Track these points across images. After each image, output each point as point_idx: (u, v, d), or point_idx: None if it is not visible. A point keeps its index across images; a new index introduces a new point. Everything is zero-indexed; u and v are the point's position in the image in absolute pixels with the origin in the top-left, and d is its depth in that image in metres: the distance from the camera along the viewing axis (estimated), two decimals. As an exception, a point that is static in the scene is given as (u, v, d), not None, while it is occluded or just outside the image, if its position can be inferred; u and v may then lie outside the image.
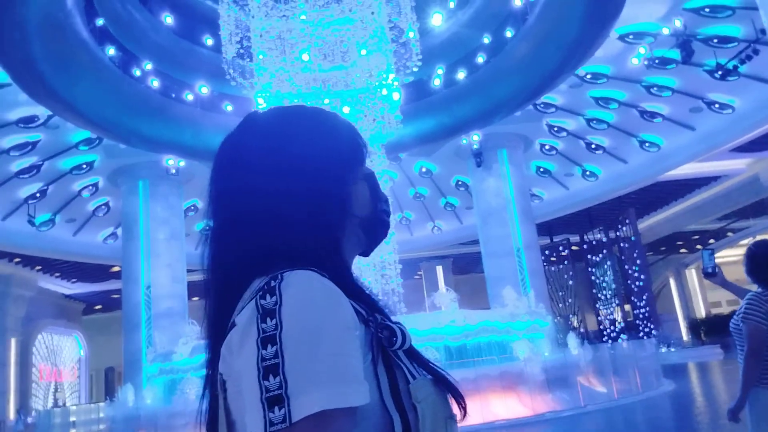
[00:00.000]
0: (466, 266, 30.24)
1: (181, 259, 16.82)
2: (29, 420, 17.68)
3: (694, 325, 25.47)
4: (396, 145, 15.74)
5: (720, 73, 12.96)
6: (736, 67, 13.21)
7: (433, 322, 8.94)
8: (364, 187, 0.94)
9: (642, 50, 13.26)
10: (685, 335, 26.66)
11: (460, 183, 21.20)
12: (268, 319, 0.72)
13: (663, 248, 29.36)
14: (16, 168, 15.58)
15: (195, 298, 29.55)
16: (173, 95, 14.86)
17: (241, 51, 12.35)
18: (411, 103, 15.26)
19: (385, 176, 18.29)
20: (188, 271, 17.89)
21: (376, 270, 13.84)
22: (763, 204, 21.10)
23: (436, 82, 15.51)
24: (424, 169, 20.34)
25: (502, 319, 9.02)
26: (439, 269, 30.32)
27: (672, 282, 30.19)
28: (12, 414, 20.18)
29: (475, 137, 16.79)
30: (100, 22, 12.58)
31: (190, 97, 15.06)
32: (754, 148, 17.58)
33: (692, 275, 29.55)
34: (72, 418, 10.50)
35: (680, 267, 29.34)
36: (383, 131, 13.78)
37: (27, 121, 13.54)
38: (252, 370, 0.70)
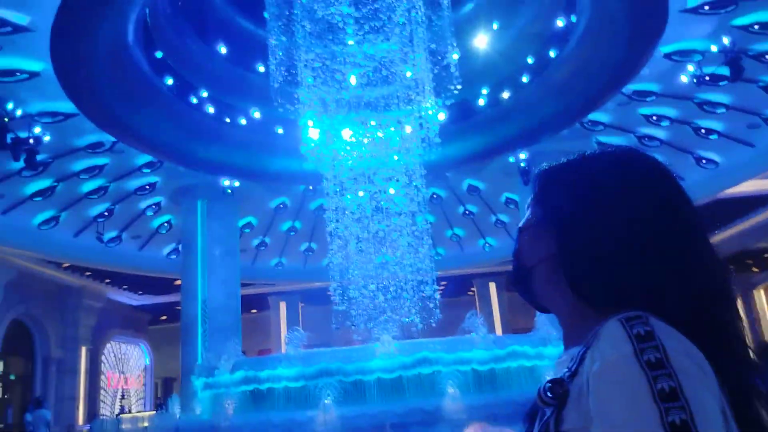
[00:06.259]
0: (520, 283, 29.78)
1: (235, 275, 17.53)
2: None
3: (763, 349, 24.07)
4: (442, 164, 15.93)
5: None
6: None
7: (462, 347, 8.97)
8: None
9: (690, 68, 12.93)
10: (753, 360, 25.16)
11: (509, 200, 21.06)
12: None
13: (731, 267, 27.95)
14: (85, 189, 16.76)
15: (254, 311, 30.67)
16: (227, 120, 15.66)
17: (288, 78, 12.90)
18: (456, 123, 15.43)
19: (432, 194, 18.65)
20: (242, 285, 18.64)
21: (411, 282, 13.99)
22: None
23: (481, 102, 15.61)
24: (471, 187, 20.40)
25: (532, 345, 8.95)
26: (492, 286, 30.03)
27: (739, 303, 28.66)
28: (81, 419, 21.46)
29: (522, 155, 16.71)
30: (158, 54, 13.47)
31: (243, 122, 15.83)
32: (822, 164, 16.65)
33: (761, 296, 27.98)
34: (125, 426, 11.20)
35: (748, 287, 27.83)
36: (425, 152, 14.00)
37: (94, 147, 14.59)
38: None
